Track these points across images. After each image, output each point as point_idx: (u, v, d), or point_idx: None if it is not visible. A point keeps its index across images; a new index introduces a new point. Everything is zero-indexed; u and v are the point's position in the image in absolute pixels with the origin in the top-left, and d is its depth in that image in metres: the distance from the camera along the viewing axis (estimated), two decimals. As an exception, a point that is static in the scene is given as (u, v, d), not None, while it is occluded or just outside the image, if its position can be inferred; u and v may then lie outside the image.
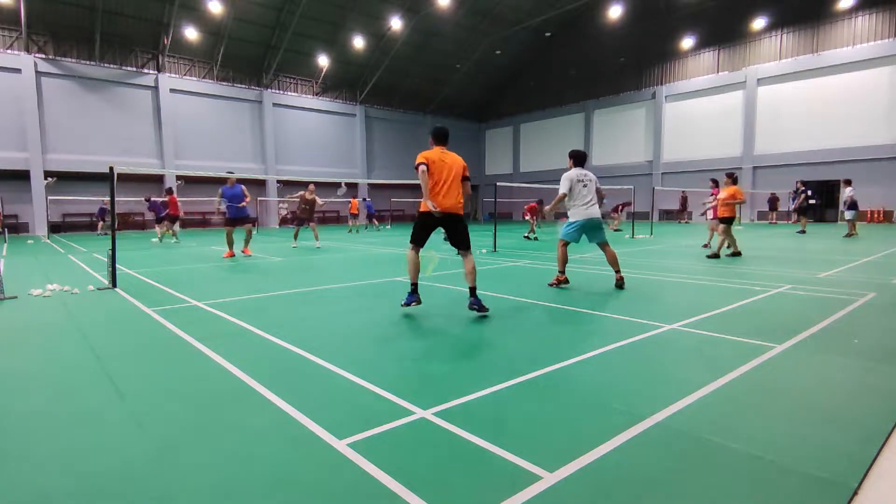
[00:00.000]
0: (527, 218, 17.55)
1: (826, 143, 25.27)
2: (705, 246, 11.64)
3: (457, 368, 3.35)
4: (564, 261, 6.43)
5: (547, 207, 6.70)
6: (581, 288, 6.36)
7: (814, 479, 1.94)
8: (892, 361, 3.34)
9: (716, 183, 11.79)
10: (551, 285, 6.45)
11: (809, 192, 17.40)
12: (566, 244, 6.43)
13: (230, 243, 10.65)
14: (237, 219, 10.62)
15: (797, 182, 18.00)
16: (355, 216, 22.90)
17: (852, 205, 14.95)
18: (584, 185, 6.32)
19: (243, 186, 10.69)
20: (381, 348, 3.86)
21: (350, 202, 23.60)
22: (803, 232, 16.81)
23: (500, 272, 8.07)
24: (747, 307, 5.10)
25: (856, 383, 2.97)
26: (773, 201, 25.79)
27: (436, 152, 5.00)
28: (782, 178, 26.39)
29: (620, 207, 19.99)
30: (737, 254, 9.56)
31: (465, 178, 5.07)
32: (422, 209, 4.96)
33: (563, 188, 6.30)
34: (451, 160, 4.98)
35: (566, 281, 6.46)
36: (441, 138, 5.09)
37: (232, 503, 1.84)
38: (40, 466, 2.11)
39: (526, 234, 16.78)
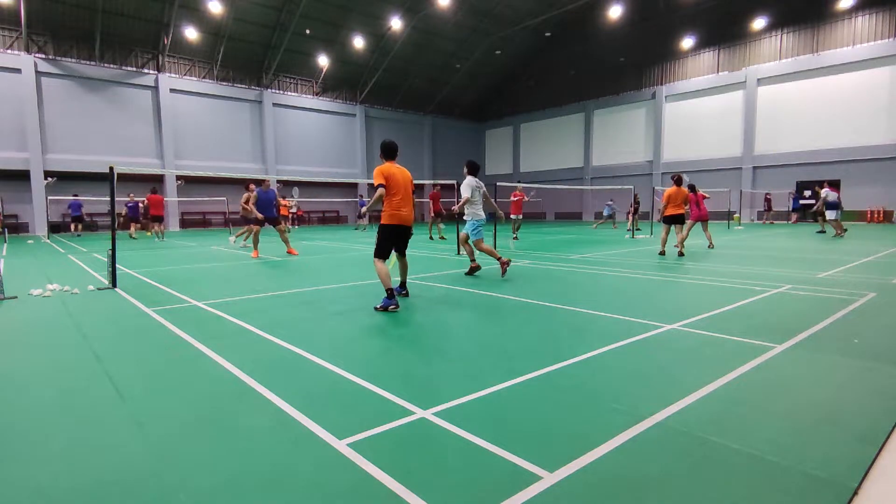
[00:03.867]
0: (512, 216, 16.22)
1: (826, 143, 25.27)
2: (710, 247, 11.65)
3: (457, 368, 3.35)
4: (474, 253, 7.64)
5: (455, 207, 7.84)
6: (581, 288, 6.36)
7: (814, 479, 1.94)
8: (892, 361, 3.34)
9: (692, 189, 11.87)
10: (467, 274, 7.55)
11: (807, 194, 17.73)
12: (476, 241, 7.45)
13: (256, 244, 11.08)
14: (267, 220, 10.99)
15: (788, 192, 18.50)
16: (286, 218, 21.44)
17: (832, 205, 14.99)
18: (479, 190, 7.52)
19: (276, 190, 11.10)
20: (380, 348, 3.86)
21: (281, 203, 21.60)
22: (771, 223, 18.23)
23: (499, 272, 8.05)
24: (747, 307, 5.10)
25: (856, 383, 2.97)
26: (768, 202, 25.80)
27: (388, 167, 5.36)
28: (782, 178, 26.42)
29: (633, 210, 19.72)
30: (662, 253, 10.22)
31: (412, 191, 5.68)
32: (384, 222, 5.36)
33: (466, 193, 7.37)
34: (402, 174, 5.44)
35: (478, 268, 7.63)
36: (390, 153, 5.49)
37: (232, 503, 1.84)
38: (40, 466, 2.11)
39: (515, 236, 15.95)
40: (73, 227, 20.89)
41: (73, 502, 1.86)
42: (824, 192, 15.09)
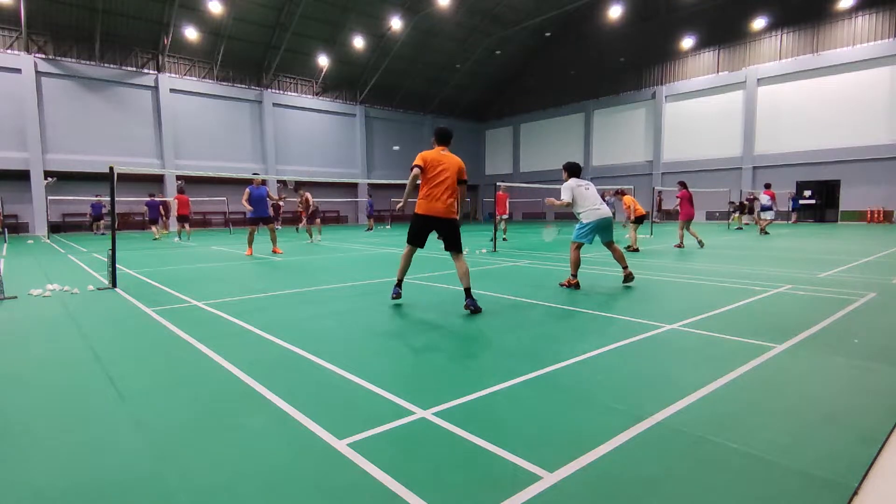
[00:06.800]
0: (501, 216, 14.52)
1: (826, 142, 25.27)
2: (700, 245, 11.78)
3: (457, 368, 3.35)
4: (577, 264, 6.38)
5: (551, 199, 6.70)
6: (581, 288, 6.35)
7: (814, 479, 1.94)
8: (892, 361, 3.34)
9: (683, 185, 12.39)
10: (563, 286, 6.42)
11: (807, 194, 18.12)
12: (580, 246, 6.42)
13: (251, 241, 11.37)
14: (260, 218, 11.23)
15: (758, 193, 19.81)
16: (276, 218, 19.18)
17: (767, 207, 16.81)
18: (587, 188, 6.48)
19: (267, 188, 11.36)
20: (380, 348, 3.86)
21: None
22: (740, 229, 20.13)
23: (499, 272, 8.07)
24: (747, 307, 5.09)
25: (856, 383, 2.97)
26: (749, 202, 25.81)
27: (434, 153, 5.07)
28: (782, 178, 26.40)
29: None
30: (636, 249, 11.08)
31: (461, 181, 5.14)
32: (416, 210, 5.06)
33: (565, 197, 6.43)
34: (448, 162, 5.02)
35: (577, 286, 6.32)
36: (442, 138, 5.14)
37: (231, 503, 1.83)
38: (40, 466, 2.11)
39: (504, 237, 15.25)
40: (94, 226, 21.89)
41: (72, 502, 1.86)
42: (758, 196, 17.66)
